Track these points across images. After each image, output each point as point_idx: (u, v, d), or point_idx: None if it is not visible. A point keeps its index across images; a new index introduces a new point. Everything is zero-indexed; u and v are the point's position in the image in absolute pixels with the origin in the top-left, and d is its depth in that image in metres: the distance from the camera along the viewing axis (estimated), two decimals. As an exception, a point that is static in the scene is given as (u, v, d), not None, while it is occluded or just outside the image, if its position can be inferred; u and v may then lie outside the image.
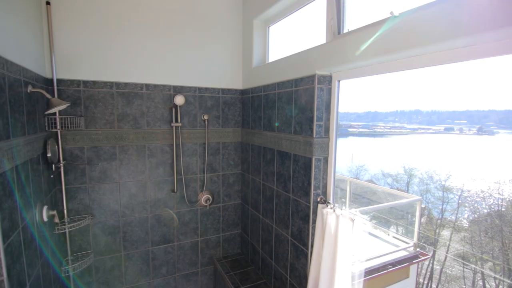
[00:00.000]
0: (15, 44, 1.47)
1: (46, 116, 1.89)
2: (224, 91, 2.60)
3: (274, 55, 2.44)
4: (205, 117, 2.51)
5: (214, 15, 2.49)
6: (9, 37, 1.40)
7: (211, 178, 2.64)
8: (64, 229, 2.04)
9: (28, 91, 1.59)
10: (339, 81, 1.73)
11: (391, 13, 1.31)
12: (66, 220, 2.10)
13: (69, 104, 1.76)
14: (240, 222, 2.84)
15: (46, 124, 1.89)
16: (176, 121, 2.38)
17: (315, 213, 1.81)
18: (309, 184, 1.79)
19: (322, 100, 1.72)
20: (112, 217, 2.31)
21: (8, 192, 1.29)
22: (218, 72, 2.57)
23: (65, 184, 2.11)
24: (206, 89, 2.52)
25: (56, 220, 1.81)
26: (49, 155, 1.83)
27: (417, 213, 3.47)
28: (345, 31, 1.67)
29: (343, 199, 4.00)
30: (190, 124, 2.49)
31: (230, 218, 2.79)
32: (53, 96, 2.00)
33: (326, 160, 1.78)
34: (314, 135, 1.72)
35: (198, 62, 2.47)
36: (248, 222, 2.68)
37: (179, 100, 2.33)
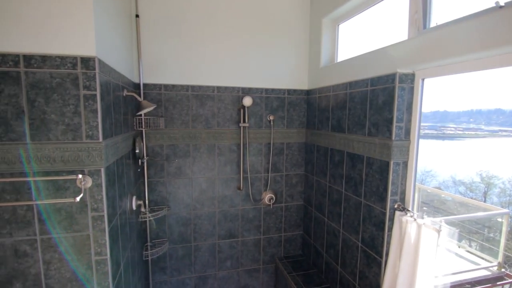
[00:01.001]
0: (115, 53, 1.68)
1: (135, 116, 2.13)
2: (289, 91, 2.61)
3: (343, 54, 2.36)
4: (271, 117, 2.55)
5: (281, 16, 2.51)
6: (112, 47, 1.61)
7: (274, 178, 2.67)
8: (146, 217, 2.28)
9: (124, 94, 1.81)
10: (423, 80, 1.59)
11: (496, 3, 1.17)
12: (147, 210, 2.34)
13: (155, 106, 1.95)
14: (302, 224, 2.82)
15: (135, 123, 2.13)
16: (244, 121, 2.46)
17: (391, 220, 1.70)
18: (385, 189, 1.69)
19: (403, 100, 1.61)
20: (185, 209, 2.49)
21: (112, 182, 1.49)
22: (284, 73, 2.58)
23: (147, 178, 2.35)
24: (272, 90, 2.56)
25: (143, 209, 2.03)
26: (137, 151, 2.06)
27: (504, 229, 3.01)
28: (432, 25, 1.53)
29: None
30: (256, 125, 2.56)
31: (292, 219, 2.79)
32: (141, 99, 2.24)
33: (405, 164, 1.66)
34: (393, 137, 1.61)
35: (265, 64, 2.52)
36: (311, 224, 2.65)
37: (247, 101, 2.40)
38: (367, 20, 2.11)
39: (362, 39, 2.21)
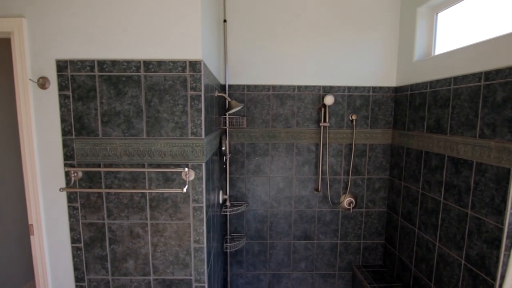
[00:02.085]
0: (211, 57, 1.80)
1: (221, 116, 2.26)
2: (374, 89, 2.44)
3: (442, 46, 2.10)
4: (353, 117, 2.42)
5: (367, 9, 2.36)
6: (210, 51, 1.73)
7: (355, 181, 2.53)
8: (227, 212, 2.39)
9: (216, 95, 1.93)
10: None
11: None
12: (228, 204, 2.46)
13: (242, 105, 2.03)
14: (385, 232, 2.61)
15: (220, 122, 2.26)
16: (324, 120, 2.40)
17: (510, 238, 1.43)
18: (504, 201, 1.43)
19: (534, 96, 1.34)
20: (262, 207, 2.55)
21: (208, 176, 1.60)
22: (369, 69, 2.42)
23: (229, 174, 2.47)
24: (356, 88, 2.43)
25: (228, 203, 2.14)
26: (223, 148, 2.18)
27: None
28: None
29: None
30: (337, 124, 2.46)
31: (373, 226, 2.60)
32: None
33: (534, 173, 1.38)
34: (519, 141, 1.36)
35: (348, 61, 2.41)
36: (395, 234, 2.43)
37: (329, 100, 2.33)
38: (474, 5, 1.83)
39: (468, 27, 1.93)
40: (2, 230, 2.30)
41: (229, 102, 2.00)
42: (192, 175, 1.45)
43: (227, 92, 2.37)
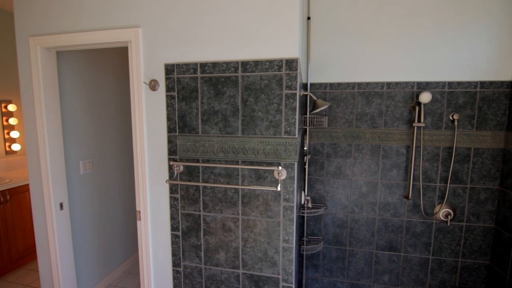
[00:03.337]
0: (301, 56, 1.77)
1: (302, 115, 2.22)
2: (483, 84, 2.09)
3: None
4: (455, 116, 2.12)
5: (478, -8, 2.03)
6: (301, 50, 1.70)
7: (454, 190, 2.22)
8: (305, 213, 2.34)
9: (301, 94, 1.89)
10: None
11: None
12: (310, 206, 2.40)
13: (329, 104, 1.96)
14: (490, 251, 2.22)
15: (303, 122, 2.22)
16: (419, 120, 2.15)
17: None
18: None
19: None
20: (341, 211, 2.43)
21: (299, 175, 1.58)
22: (475, 62, 2.09)
23: (308, 174, 2.42)
24: (458, 83, 2.12)
25: (309, 204, 2.09)
26: (305, 148, 2.14)
27: None
28: None
29: None
30: (434, 125, 2.19)
31: (476, 243, 2.24)
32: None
33: None
34: None
35: (448, 53, 2.11)
36: (507, 255, 2.04)
37: (426, 97, 2.08)
38: None
39: None
40: (112, 213, 2.69)
41: (314, 101, 1.94)
42: (284, 174, 1.45)
43: (308, 90, 2.32)
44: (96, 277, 2.50)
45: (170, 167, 1.62)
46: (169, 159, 1.62)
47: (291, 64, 1.38)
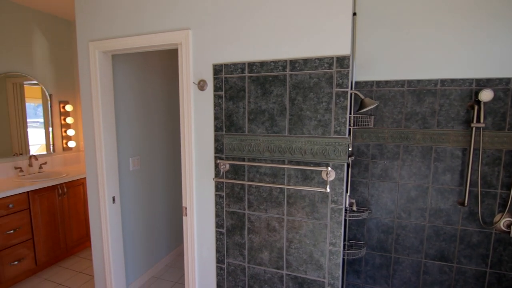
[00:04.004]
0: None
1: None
2: (558, 80, 1.86)
3: None
4: (522, 116, 1.91)
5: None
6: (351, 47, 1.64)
7: (519, 197, 2.00)
8: (348, 216, 2.26)
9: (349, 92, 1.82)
10: None
11: None
12: (354, 209, 2.32)
13: (378, 103, 1.87)
14: None
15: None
16: (478, 121, 1.97)
17: None
18: None
19: None
20: (387, 216, 2.30)
21: (347, 177, 1.52)
22: (549, 55, 1.86)
23: (351, 176, 2.33)
24: (527, 79, 1.91)
25: (354, 207, 2.01)
26: (349, 149, 2.06)
27: None
28: None
29: None
30: (495, 125, 1.99)
31: (545, 258, 2.00)
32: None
33: None
34: None
35: (510, 46, 1.91)
36: None
37: (487, 95, 1.90)
38: None
39: None
40: (157, 208, 2.82)
41: (362, 99, 1.87)
42: (332, 175, 1.40)
43: (354, 89, 2.24)
44: (141, 268, 2.63)
45: (216, 165, 1.65)
46: (215, 158, 1.65)
47: (342, 61, 1.33)
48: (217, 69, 1.59)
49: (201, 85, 1.62)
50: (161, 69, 2.76)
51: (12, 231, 2.48)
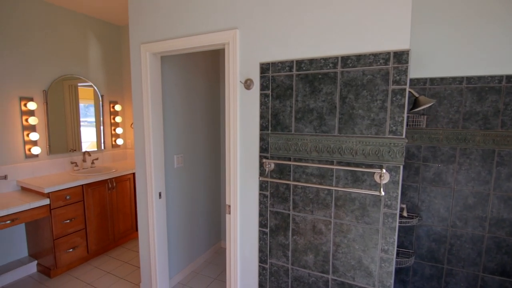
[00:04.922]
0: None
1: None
2: None
3: None
4: None
5: None
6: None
7: None
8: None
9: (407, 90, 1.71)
10: None
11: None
12: (405, 215, 2.18)
13: (435, 101, 1.74)
14: None
15: (396, 121, 2.02)
16: (554, 121, 1.75)
17: None
18: None
19: None
20: (439, 224, 2.13)
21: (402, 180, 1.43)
22: None
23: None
24: None
25: (405, 213, 1.89)
26: (400, 150, 1.94)
27: None
28: None
29: None
30: None
31: None
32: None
33: None
34: None
35: None
36: None
37: None
38: None
39: None
40: (199, 205, 2.90)
41: (416, 98, 1.75)
42: (386, 178, 1.32)
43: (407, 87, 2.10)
44: (183, 262, 2.72)
45: (261, 165, 1.64)
46: (261, 157, 1.64)
47: (400, 56, 1.25)
48: (264, 68, 1.58)
49: (248, 84, 1.62)
50: (204, 69, 2.83)
51: (68, 221, 2.70)
